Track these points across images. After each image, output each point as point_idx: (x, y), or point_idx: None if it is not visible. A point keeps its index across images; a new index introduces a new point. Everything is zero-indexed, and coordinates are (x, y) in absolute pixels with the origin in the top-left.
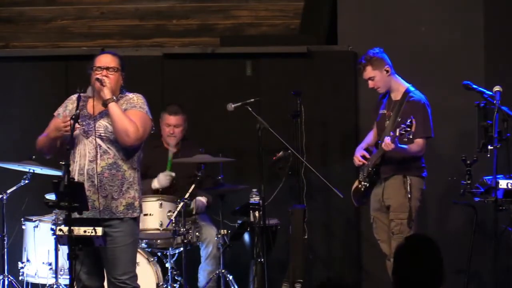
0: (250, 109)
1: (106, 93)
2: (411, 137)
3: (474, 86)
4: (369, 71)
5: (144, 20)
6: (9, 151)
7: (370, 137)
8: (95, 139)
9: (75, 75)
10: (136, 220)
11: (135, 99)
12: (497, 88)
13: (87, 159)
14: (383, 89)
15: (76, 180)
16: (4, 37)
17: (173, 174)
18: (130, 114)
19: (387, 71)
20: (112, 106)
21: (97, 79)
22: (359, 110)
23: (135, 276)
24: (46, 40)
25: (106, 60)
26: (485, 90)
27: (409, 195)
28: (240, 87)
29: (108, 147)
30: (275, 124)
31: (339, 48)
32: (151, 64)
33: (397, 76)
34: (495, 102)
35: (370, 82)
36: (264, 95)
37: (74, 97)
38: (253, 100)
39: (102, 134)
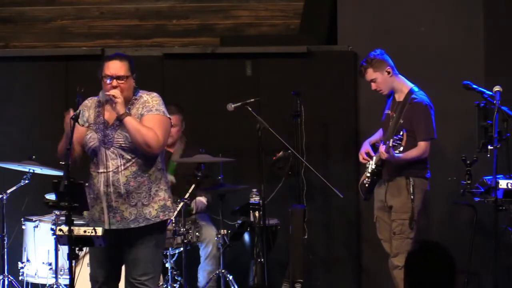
0: (250, 109)
1: (119, 109)
2: (401, 149)
3: (474, 86)
4: (370, 73)
5: (144, 20)
6: (9, 151)
7: (379, 134)
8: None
9: (75, 75)
10: (164, 222)
11: (150, 101)
12: (497, 88)
13: (111, 170)
14: (385, 90)
15: (101, 191)
16: (4, 37)
17: (173, 180)
18: (147, 120)
19: (389, 72)
20: (127, 121)
21: (107, 97)
22: (359, 110)
23: (155, 278)
24: (46, 40)
25: (115, 67)
26: (485, 90)
27: (411, 196)
28: (240, 87)
29: (131, 156)
30: (275, 124)
31: (339, 48)
32: (151, 64)
33: (400, 76)
34: (495, 102)
35: (372, 84)
36: (264, 95)
37: (88, 103)
38: (253, 100)
39: (123, 145)
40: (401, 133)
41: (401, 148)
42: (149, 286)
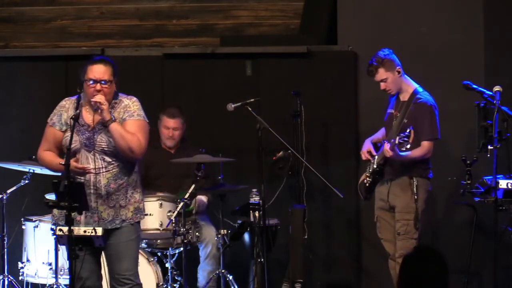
0: (250, 109)
1: (105, 115)
2: (408, 147)
3: (474, 86)
4: (381, 73)
5: (144, 20)
6: (9, 151)
7: (381, 133)
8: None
9: (75, 75)
10: (138, 222)
11: (131, 105)
12: (497, 88)
13: (93, 171)
14: (394, 90)
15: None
16: (4, 37)
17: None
18: (130, 125)
19: (399, 72)
20: (113, 128)
21: (94, 103)
22: (359, 110)
23: (137, 273)
24: (46, 40)
25: (99, 71)
26: (485, 90)
27: (415, 197)
28: (240, 87)
29: (112, 159)
30: (275, 124)
31: (339, 48)
32: (151, 64)
33: (406, 76)
34: (495, 102)
35: (382, 84)
36: (264, 95)
37: (66, 104)
38: (253, 100)
39: (105, 148)
40: (408, 130)
41: (408, 146)
42: (134, 280)
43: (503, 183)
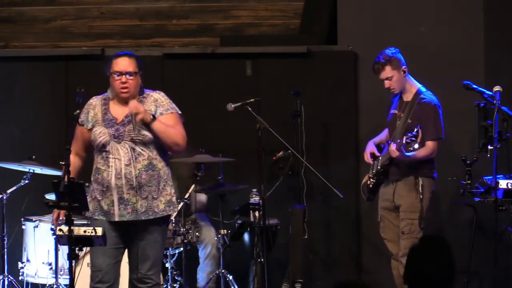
0: (250, 109)
1: (146, 118)
2: (416, 146)
3: (474, 86)
4: (387, 71)
5: (144, 20)
6: (9, 151)
7: (384, 134)
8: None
9: (75, 75)
10: (169, 217)
11: (163, 99)
12: (497, 88)
13: (123, 163)
14: (398, 89)
15: (112, 183)
16: (4, 37)
17: None
18: (168, 119)
19: (404, 72)
20: (156, 126)
21: (130, 114)
22: (359, 110)
23: (160, 272)
24: (46, 40)
25: (124, 63)
26: (485, 90)
27: (420, 196)
28: (240, 87)
29: (142, 149)
30: (275, 124)
31: (339, 48)
32: (151, 64)
33: (410, 76)
34: (495, 102)
35: (386, 82)
36: (264, 95)
37: (93, 102)
38: (253, 100)
39: (134, 138)
40: (415, 130)
41: (416, 145)
42: (155, 280)
43: (503, 183)
